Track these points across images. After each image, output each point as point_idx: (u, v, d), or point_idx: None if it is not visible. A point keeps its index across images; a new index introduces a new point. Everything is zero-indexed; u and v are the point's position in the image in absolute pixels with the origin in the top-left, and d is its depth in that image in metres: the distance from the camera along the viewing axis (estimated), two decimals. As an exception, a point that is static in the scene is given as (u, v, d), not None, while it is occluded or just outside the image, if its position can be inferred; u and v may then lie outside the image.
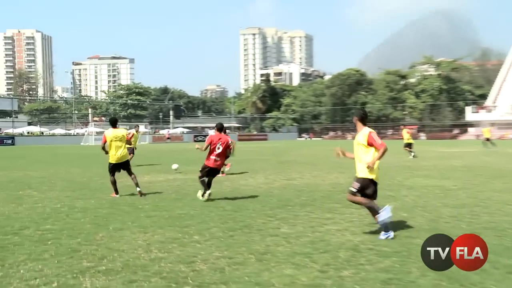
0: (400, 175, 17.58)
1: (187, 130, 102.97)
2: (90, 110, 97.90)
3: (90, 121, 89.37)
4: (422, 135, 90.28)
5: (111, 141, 12.54)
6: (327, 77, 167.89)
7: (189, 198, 11.97)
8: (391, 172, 18.75)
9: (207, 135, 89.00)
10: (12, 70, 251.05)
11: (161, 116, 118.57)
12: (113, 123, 12.81)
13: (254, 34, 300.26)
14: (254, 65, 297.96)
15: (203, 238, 7.61)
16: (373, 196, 7.55)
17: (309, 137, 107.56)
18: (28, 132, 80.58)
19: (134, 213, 9.78)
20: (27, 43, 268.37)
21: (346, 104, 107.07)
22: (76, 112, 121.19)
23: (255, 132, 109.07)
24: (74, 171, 20.10)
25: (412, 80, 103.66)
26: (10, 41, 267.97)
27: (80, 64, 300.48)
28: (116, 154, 12.55)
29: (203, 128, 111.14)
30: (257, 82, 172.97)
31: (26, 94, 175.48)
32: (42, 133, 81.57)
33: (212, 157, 11.72)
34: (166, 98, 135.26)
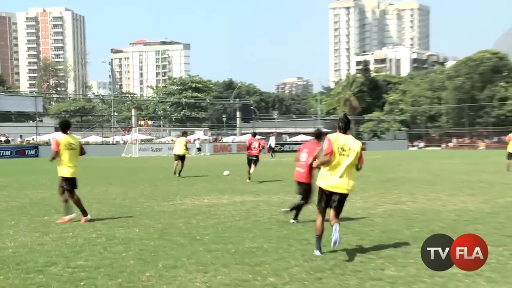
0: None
1: (260, 136, 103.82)
2: (133, 111, 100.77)
3: (133, 125, 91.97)
4: None
5: (65, 149, 12.77)
6: (449, 64, 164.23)
7: (262, 226, 12.04)
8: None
9: (288, 143, 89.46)
10: (35, 60, 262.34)
11: (224, 119, 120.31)
12: (65, 127, 13.07)
13: (348, 8, 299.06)
14: (348, 49, 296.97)
15: (281, 280, 7.63)
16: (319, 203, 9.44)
17: (423, 146, 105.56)
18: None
19: (190, 246, 9.95)
20: (54, 25, 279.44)
21: (477, 100, 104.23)
22: (116, 114, 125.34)
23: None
24: (113, 191, 20.76)
25: None
26: (34, 23, 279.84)
27: (120, 51, 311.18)
28: (72, 165, 12.84)
29: (279, 134, 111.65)
30: (351, 73, 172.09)
31: (53, 91, 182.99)
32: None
33: (297, 168, 12.94)
34: (232, 96, 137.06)
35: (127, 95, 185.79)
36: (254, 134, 27.79)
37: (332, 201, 9.21)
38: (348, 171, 9.14)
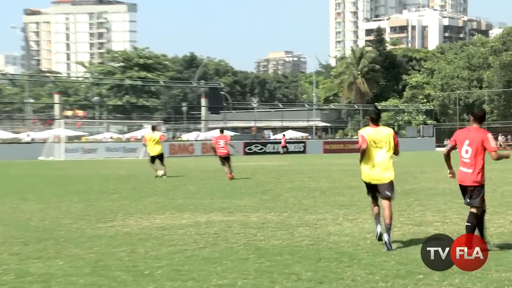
0: None
1: (234, 132, 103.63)
2: (56, 97, 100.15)
3: (57, 117, 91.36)
4: None
5: None
6: (494, 33, 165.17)
7: (235, 256, 12.08)
8: None
9: (272, 142, 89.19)
10: None
11: (184, 109, 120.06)
12: None
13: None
14: (355, 13, 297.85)
15: (261, 331, 7.62)
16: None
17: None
18: None
19: (135, 284, 9.97)
20: None
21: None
22: (32, 100, 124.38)
23: (356, 137, 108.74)
24: (27, 208, 20.66)
25: None
26: None
27: (38, 13, 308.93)
28: None
29: (260, 129, 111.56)
30: (359, 45, 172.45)
31: None
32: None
33: (460, 168, 12.55)
34: (195, 76, 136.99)
35: (47, 74, 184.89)
36: (221, 130, 33.51)
37: (377, 191, 13.40)
38: (383, 163, 13.27)
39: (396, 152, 13.52)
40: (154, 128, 35.84)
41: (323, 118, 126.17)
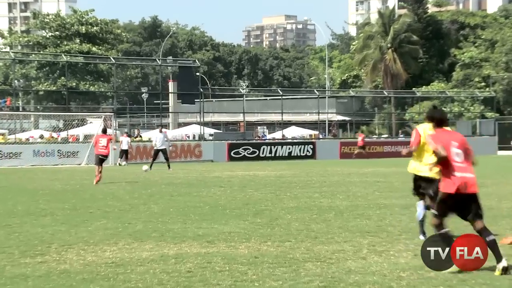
0: None
1: (214, 130, 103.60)
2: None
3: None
4: None
5: None
6: None
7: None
8: None
9: (269, 143, 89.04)
10: None
11: (145, 97, 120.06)
12: None
13: None
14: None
15: None
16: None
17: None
18: None
19: None
20: None
21: None
22: None
23: (384, 136, 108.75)
24: None
25: None
26: None
27: None
28: None
29: (251, 125, 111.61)
30: (390, 6, 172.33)
31: None
32: None
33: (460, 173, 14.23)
34: (159, 51, 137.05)
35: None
36: (104, 130, 41.12)
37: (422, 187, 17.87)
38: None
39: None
40: None
41: (340, 110, 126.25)
